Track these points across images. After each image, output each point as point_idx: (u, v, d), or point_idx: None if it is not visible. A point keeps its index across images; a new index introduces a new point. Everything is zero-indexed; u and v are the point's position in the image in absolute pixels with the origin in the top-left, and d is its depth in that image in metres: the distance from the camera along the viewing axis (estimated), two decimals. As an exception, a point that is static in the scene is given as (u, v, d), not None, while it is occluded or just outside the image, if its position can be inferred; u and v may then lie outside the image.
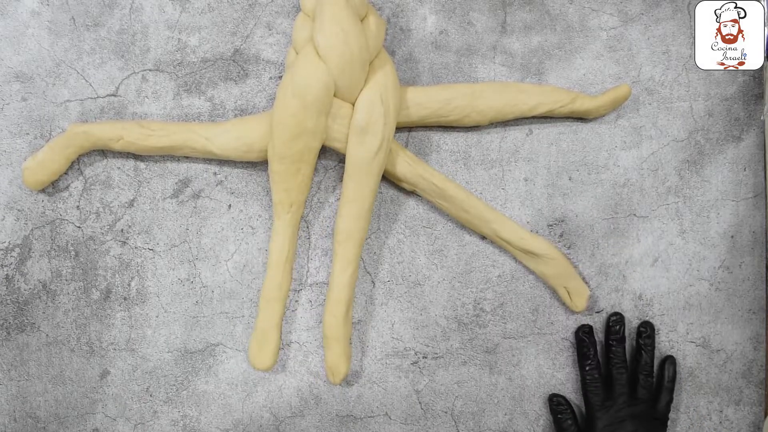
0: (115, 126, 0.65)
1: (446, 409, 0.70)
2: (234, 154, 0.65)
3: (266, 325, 0.66)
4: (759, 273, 0.71)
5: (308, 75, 0.61)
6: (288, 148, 0.62)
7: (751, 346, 0.71)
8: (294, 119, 0.61)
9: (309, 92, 0.60)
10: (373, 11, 0.64)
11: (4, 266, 0.69)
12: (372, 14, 0.64)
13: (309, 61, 0.61)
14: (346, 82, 0.61)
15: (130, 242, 0.69)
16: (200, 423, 0.69)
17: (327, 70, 0.61)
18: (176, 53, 0.69)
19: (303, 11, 0.64)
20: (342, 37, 0.60)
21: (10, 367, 0.69)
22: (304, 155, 0.63)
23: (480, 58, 0.70)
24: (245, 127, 0.65)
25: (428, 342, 0.70)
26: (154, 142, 0.65)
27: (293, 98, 0.61)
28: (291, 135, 0.62)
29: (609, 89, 0.68)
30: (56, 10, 0.69)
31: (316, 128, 0.62)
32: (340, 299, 0.65)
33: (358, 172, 0.63)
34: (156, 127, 0.65)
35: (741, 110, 0.70)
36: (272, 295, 0.66)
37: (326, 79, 0.61)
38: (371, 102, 0.62)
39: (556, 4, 0.70)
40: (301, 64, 0.61)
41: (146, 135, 0.65)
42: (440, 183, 0.66)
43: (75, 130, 0.65)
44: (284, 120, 0.61)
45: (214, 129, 0.65)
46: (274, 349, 0.66)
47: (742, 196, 0.70)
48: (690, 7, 0.70)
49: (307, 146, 0.63)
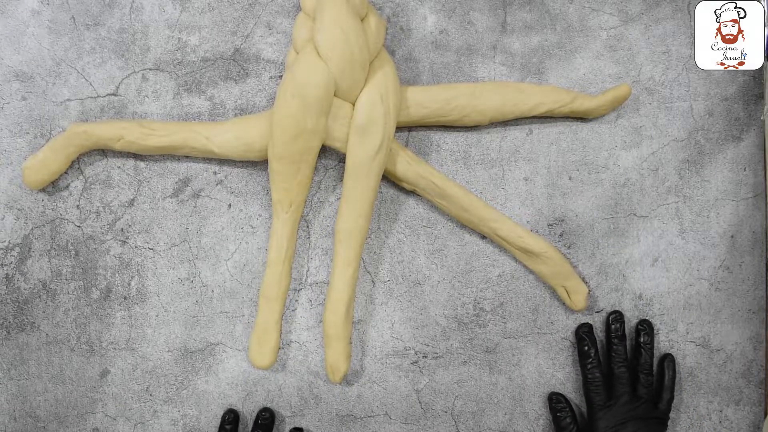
0: (116, 126, 0.65)
1: (446, 408, 0.70)
2: (234, 154, 0.65)
3: (266, 322, 0.66)
4: (759, 273, 0.71)
5: (309, 75, 0.60)
6: (287, 148, 0.62)
7: (751, 346, 0.71)
8: (294, 119, 0.61)
9: (309, 92, 0.60)
10: (373, 11, 0.64)
11: (4, 265, 0.69)
12: (372, 14, 0.64)
13: (309, 60, 0.61)
14: (347, 81, 0.61)
15: (130, 242, 0.69)
16: (200, 423, 0.69)
17: (327, 69, 0.61)
18: (176, 52, 0.69)
19: (303, 11, 0.64)
20: (342, 37, 0.60)
21: (10, 366, 0.69)
22: (303, 155, 0.63)
23: (480, 58, 0.70)
24: (245, 126, 0.65)
25: (428, 342, 0.70)
26: (154, 141, 0.65)
27: (293, 98, 0.61)
28: (291, 135, 0.62)
29: (609, 89, 0.68)
30: (56, 9, 0.69)
31: (316, 128, 0.62)
32: (341, 298, 0.65)
33: (359, 172, 0.63)
34: (156, 127, 0.65)
35: (741, 110, 0.70)
36: (271, 294, 0.66)
37: (327, 78, 0.61)
38: (372, 102, 0.62)
39: (556, 4, 0.70)
40: (301, 64, 0.61)
41: (146, 134, 0.65)
42: (440, 182, 0.66)
43: (75, 129, 0.65)
44: (284, 120, 0.61)
45: (214, 128, 0.65)
46: (274, 347, 0.66)
47: (742, 195, 0.70)
48: (690, 7, 0.70)
49: (307, 146, 0.63)
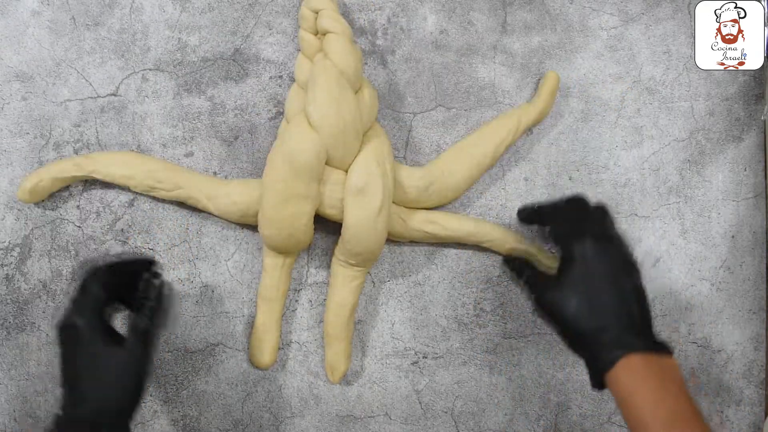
0: (122, 174, 0.65)
1: (446, 409, 0.70)
2: (232, 218, 0.66)
3: (265, 323, 0.66)
4: (760, 273, 0.70)
5: (299, 141, 0.60)
6: (277, 211, 0.61)
7: (752, 347, 0.70)
8: (284, 183, 0.60)
9: (299, 158, 0.59)
10: (368, 84, 0.64)
11: (4, 266, 0.69)
12: (367, 86, 0.64)
13: (300, 129, 0.60)
14: (339, 151, 0.61)
15: (131, 242, 0.69)
16: (200, 423, 0.69)
17: (318, 138, 0.60)
18: (176, 53, 0.69)
19: (296, 83, 0.65)
20: (334, 107, 0.59)
21: (10, 366, 0.69)
22: (294, 222, 0.61)
23: (480, 58, 0.70)
24: (242, 191, 0.64)
25: (428, 342, 0.70)
26: (160, 194, 0.66)
27: (283, 164, 0.60)
28: (280, 198, 0.60)
29: (540, 86, 0.68)
30: (56, 9, 0.69)
31: (308, 193, 0.61)
32: (346, 303, 0.65)
33: (359, 235, 0.62)
34: (163, 178, 0.65)
35: (741, 110, 0.70)
36: (270, 295, 0.66)
37: (317, 146, 0.60)
38: (367, 164, 0.61)
39: (556, 4, 0.70)
40: (292, 133, 0.61)
41: (151, 187, 0.65)
42: (430, 229, 0.66)
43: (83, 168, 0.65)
44: (274, 184, 0.60)
45: (216, 189, 0.65)
46: (274, 347, 0.66)
47: (743, 196, 0.70)
48: (690, 7, 0.70)
49: (299, 211, 0.61)
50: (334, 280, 0.66)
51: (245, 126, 0.69)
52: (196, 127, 0.69)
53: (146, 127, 0.69)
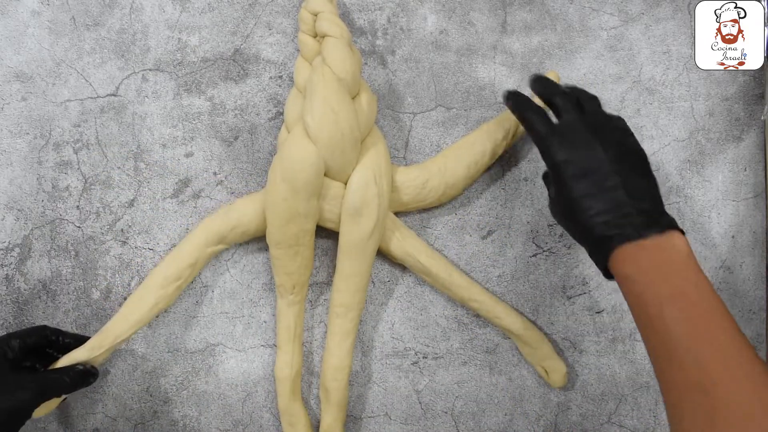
0: (138, 320, 0.64)
1: (446, 409, 0.70)
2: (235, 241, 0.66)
3: (289, 405, 0.66)
4: (759, 273, 0.70)
5: (297, 157, 0.60)
6: (282, 232, 0.62)
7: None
8: (286, 203, 0.60)
9: (298, 176, 0.60)
10: (366, 88, 0.64)
11: (4, 266, 0.69)
12: (365, 91, 0.63)
13: (298, 142, 0.60)
14: (337, 162, 0.61)
15: (130, 242, 0.69)
16: (200, 423, 0.69)
17: (316, 151, 0.60)
18: (176, 53, 0.69)
19: (295, 87, 0.64)
20: (332, 118, 0.59)
21: (10, 366, 0.69)
22: (299, 238, 0.62)
23: (480, 58, 0.70)
24: (239, 212, 0.64)
25: (428, 342, 0.70)
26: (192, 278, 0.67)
27: (283, 182, 0.60)
28: (284, 219, 0.61)
29: None
30: (56, 9, 0.69)
31: (308, 211, 0.61)
32: (343, 366, 0.65)
33: (353, 253, 0.63)
34: (179, 280, 0.65)
35: (741, 110, 0.70)
36: (284, 374, 0.66)
37: (315, 160, 0.60)
38: (365, 183, 0.61)
39: (556, 4, 0.70)
40: (290, 146, 0.61)
41: (178, 288, 0.65)
42: (425, 261, 0.66)
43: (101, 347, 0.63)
44: (276, 205, 0.61)
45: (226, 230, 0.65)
46: (306, 424, 0.67)
47: (743, 196, 0.70)
48: (690, 7, 0.70)
49: (302, 229, 0.62)
50: (330, 340, 0.66)
51: (245, 126, 0.69)
52: (196, 127, 0.69)
53: (146, 127, 0.69)
